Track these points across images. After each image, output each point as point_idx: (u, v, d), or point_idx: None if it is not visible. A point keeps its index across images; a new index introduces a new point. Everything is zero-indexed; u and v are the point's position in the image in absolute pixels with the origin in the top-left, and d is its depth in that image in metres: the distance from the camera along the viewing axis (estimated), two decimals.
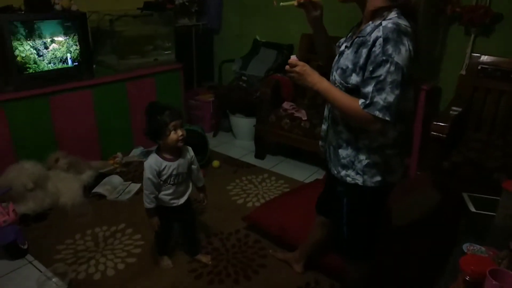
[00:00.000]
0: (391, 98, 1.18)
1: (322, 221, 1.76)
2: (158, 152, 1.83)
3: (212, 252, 2.16)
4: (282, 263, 2.07)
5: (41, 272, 1.97)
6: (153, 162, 1.80)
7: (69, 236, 2.26)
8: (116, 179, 2.85)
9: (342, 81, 1.30)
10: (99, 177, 2.85)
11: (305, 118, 3.03)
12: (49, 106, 2.73)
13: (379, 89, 1.18)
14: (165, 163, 1.80)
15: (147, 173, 1.80)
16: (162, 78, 3.41)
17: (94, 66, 3.09)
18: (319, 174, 3.07)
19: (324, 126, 1.55)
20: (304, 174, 3.09)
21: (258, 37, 3.83)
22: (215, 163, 3.15)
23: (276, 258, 2.09)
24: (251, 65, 3.70)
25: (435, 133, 2.33)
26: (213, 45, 4.19)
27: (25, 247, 2.11)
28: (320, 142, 1.61)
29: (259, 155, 3.38)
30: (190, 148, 1.91)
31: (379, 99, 1.18)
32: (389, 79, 1.17)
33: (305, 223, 2.09)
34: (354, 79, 1.25)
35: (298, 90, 3.44)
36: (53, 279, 1.91)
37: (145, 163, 1.83)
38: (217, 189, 2.79)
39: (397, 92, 1.18)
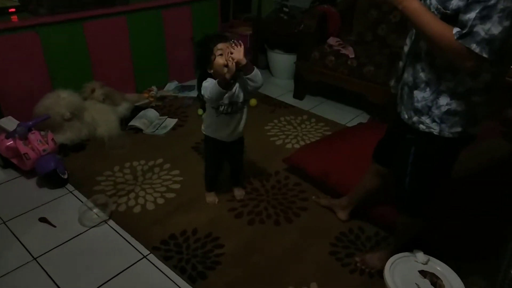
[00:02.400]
0: (496, 30, 0.97)
1: (378, 170, 1.63)
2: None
3: (251, 192, 2.10)
4: (324, 208, 1.99)
5: (82, 202, 1.97)
6: (210, 80, 1.64)
7: (107, 168, 2.24)
8: (152, 113, 2.77)
9: (439, 6, 1.07)
10: (135, 110, 2.78)
11: (352, 56, 2.79)
12: (83, 33, 2.59)
13: (483, 17, 0.97)
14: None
15: (206, 84, 1.63)
16: (198, 6, 3.19)
17: None
18: (363, 118, 2.89)
19: (400, 63, 1.36)
20: (346, 117, 2.92)
21: None
22: (252, 101, 3.01)
23: (319, 204, 2.01)
24: None
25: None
26: None
27: (65, 176, 2.10)
28: (391, 82, 1.43)
29: (298, 95, 3.20)
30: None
31: (481, 29, 0.97)
32: (500, 5, 0.95)
33: (349, 169, 1.99)
34: (456, 3, 1.03)
35: (345, 24, 3.15)
36: (94, 210, 1.91)
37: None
38: (255, 129, 2.68)
39: (506, 23, 0.96)
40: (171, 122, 2.72)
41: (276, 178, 2.22)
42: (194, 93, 3.09)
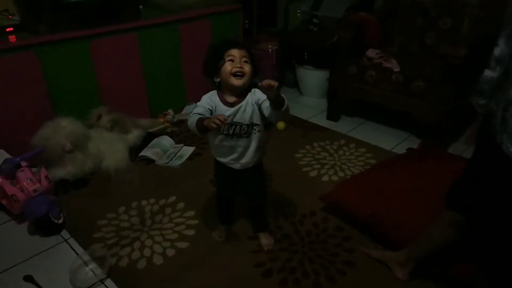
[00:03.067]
0: None
1: (455, 219, 1.20)
2: (219, 92, 1.41)
3: (282, 239, 1.70)
4: (376, 263, 1.56)
5: (77, 254, 1.62)
6: (206, 97, 1.41)
7: (111, 208, 1.90)
8: (166, 140, 2.43)
9: None
10: (147, 138, 2.45)
11: (398, 70, 2.38)
12: (90, 52, 2.31)
13: None
14: (220, 105, 1.37)
15: (200, 103, 1.41)
16: (218, 20, 2.87)
17: (140, 6, 2.61)
18: (411, 142, 2.45)
19: (491, 73, 0.97)
20: (391, 141, 2.49)
21: None
22: (280, 124, 2.63)
23: (370, 257, 1.58)
24: (324, 4, 3.04)
25: None
26: None
27: (60, 221, 1.76)
28: (479, 99, 1.03)
29: (333, 116, 2.80)
30: (256, 90, 1.38)
31: None
32: None
33: (408, 210, 1.57)
34: None
35: (385, 33, 2.75)
36: (90, 265, 1.55)
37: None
38: (284, 157, 2.29)
39: None
40: (187, 150, 2.37)
41: (312, 220, 1.80)
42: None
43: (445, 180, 1.66)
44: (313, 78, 3.06)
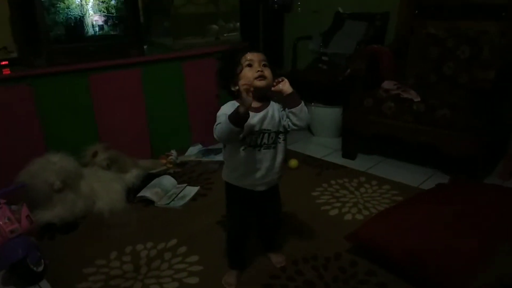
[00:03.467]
0: None
1: None
2: (238, 100, 1.26)
3: (303, 287, 1.40)
4: None
5: None
6: (229, 105, 1.26)
7: (101, 254, 1.63)
8: (167, 180, 2.21)
9: None
10: (147, 178, 2.23)
11: (418, 99, 2.20)
12: (89, 87, 2.17)
13: None
14: None
15: (221, 112, 1.24)
16: None
17: (145, 46, 2.53)
18: (439, 179, 2.19)
19: None
20: (417, 178, 2.24)
21: (340, 10, 3.08)
22: (293, 162, 2.41)
23: None
24: (333, 41, 2.95)
25: None
26: (283, 25, 3.49)
27: (40, 269, 1.49)
28: None
29: (349, 154, 2.58)
30: None
31: None
32: None
33: (452, 247, 1.29)
34: None
35: (400, 67, 2.62)
36: None
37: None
38: (299, 196, 2.05)
39: None
40: (191, 191, 2.14)
41: (338, 264, 1.52)
42: (221, 156, 2.54)
43: (489, 210, 1.42)
44: (325, 116, 2.89)
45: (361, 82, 2.40)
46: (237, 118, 1.14)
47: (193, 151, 2.69)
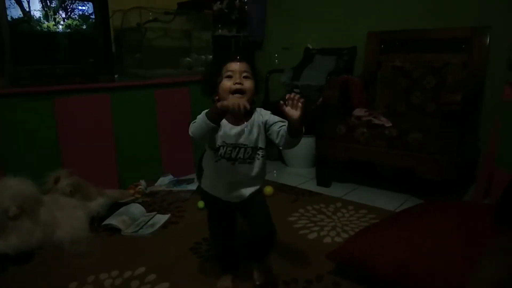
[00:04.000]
0: None
1: None
2: None
3: None
4: None
5: None
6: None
7: (60, 285, 1.46)
8: (136, 208, 2.08)
9: None
10: (114, 207, 2.09)
11: (390, 125, 2.24)
12: (53, 110, 2.07)
13: None
14: (224, 122, 1.19)
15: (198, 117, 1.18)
16: (198, 88, 2.74)
17: (116, 76, 2.48)
18: (415, 202, 2.18)
19: None
20: (392, 203, 2.23)
21: (310, 46, 3.19)
22: (268, 189, 2.34)
23: None
24: (304, 74, 3.02)
25: None
26: (254, 60, 3.56)
27: None
28: None
29: (323, 181, 2.55)
30: (262, 110, 1.28)
31: None
32: None
33: (440, 256, 1.25)
34: None
35: (369, 97, 2.70)
36: None
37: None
38: (277, 221, 1.93)
39: None
40: (161, 218, 2.01)
41: (320, 286, 1.42)
42: (193, 186, 2.44)
43: (470, 221, 1.41)
44: (298, 146, 2.87)
45: (334, 110, 2.43)
46: (214, 113, 1.11)
47: (163, 181, 2.58)
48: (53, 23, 2.09)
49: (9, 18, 1.91)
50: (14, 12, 1.95)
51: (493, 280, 1.01)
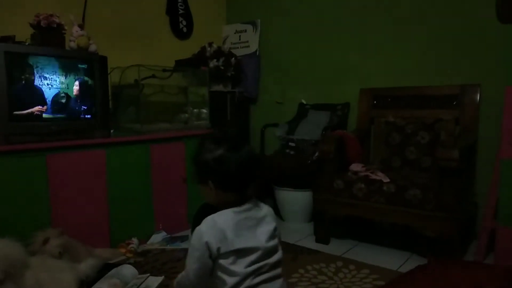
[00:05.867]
0: None
1: None
2: None
3: None
4: None
5: None
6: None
7: None
8: (127, 270, 1.97)
9: None
10: (104, 269, 1.98)
11: (387, 180, 2.23)
12: (46, 167, 2.02)
13: None
14: None
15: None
16: (193, 143, 2.74)
17: (111, 131, 2.47)
18: (416, 261, 2.12)
19: None
20: (394, 261, 2.16)
21: (304, 101, 3.26)
22: None
23: None
24: (299, 129, 3.06)
25: None
26: (249, 115, 3.61)
27: None
28: None
29: (322, 238, 2.49)
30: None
31: None
32: None
33: None
34: None
35: (365, 149, 2.71)
36: None
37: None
38: None
39: None
40: (154, 281, 1.90)
41: None
42: (187, 244, 2.35)
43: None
44: (294, 200, 2.84)
45: (331, 164, 2.42)
46: None
47: (156, 238, 2.49)
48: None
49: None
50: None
51: None
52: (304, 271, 2.02)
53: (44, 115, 2.08)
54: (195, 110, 3.05)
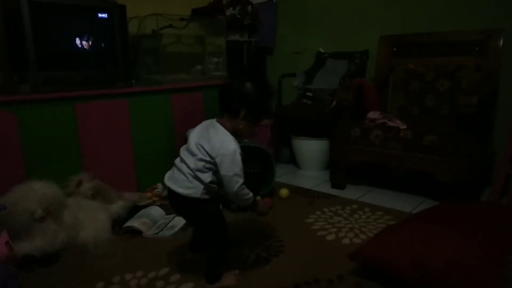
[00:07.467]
0: None
1: None
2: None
3: None
4: None
5: None
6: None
7: (86, 285, 1.50)
8: (156, 211, 2.12)
9: None
10: (134, 210, 2.13)
11: (404, 127, 2.26)
12: (75, 116, 2.12)
13: None
14: None
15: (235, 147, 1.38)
16: (211, 93, 2.79)
17: (132, 81, 2.52)
18: (429, 204, 2.20)
19: None
20: (407, 205, 2.25)
21: (321, 50, 3.22)
22: (284, 191, 2.37)
23: None
24: (317, 78, 3.06)
25: None
26: (266, 65, 3.60)
27: None
28: None
29: (338, 184, 2.58)
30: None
31: None
32: None
33: (461, 256, 1.26)
34: None
35: (383, 97, 2.72)
36: None
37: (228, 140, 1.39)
38: (294, 223, 1.99)
39: None
40: (180, 221, 2.03)
41: (342, 286, 1.45)
42: None
43: (491, 223, 1.42)
44: (311, 149, 2.91)
45: (348, 113, 2.45)
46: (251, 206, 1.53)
47: None
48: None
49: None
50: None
51: None
52: (320, 213, 2.13)
53: (68, 65, 2.14)
54: (214, 59, 3.06)
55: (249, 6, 3.24)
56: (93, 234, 1.83)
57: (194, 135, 1.44)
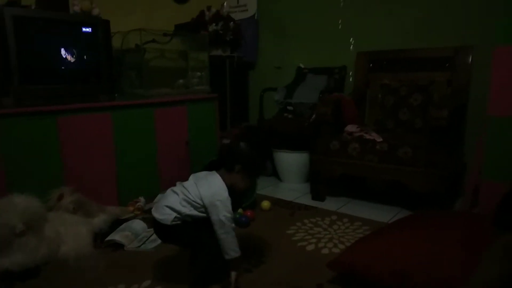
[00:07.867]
0: None
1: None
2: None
3: None
4: None
5: None
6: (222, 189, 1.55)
7: None
8: (138, 224, 2.12)
9: None
10: (116, 223, 2.13)
11: (380, 140, 2.35)
12: (57, 129, 2.12)
13: None
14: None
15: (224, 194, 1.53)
16: (195, 107, 2.84)
17: (115, 95, 2.55)
18: (406, 214, 2.28)
19: None
20: (384, 215, 2.32)
21: (301, 65, 3.32)
22: (265, 203, 2.42)
23: None
24: (297, 92, 3.15)
25: None
26: (248, 81, 3.68)
27: None
28: None
29: (318, 195, 2.64)
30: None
31: None
32: None
33: (438, 260, 1.33)
34: None
35: (360, 113, 2.82)
36: None
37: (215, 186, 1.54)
38: (275, 235, 2.04)
39: None
40: None
41: None
42: None
43: (464, 228, 1.50)
44: (292, 161, 2.97)
45: (328, 126, 2.53)
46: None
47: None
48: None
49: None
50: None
51: (492, 279, 1.09)
52: (301, 224, 2.18)
53: (52, 79, 2.16)
54: (197, 73, 3.11)
55: (231, 22, 3.33)
56: (75, 248, 1.82)
57: (193, 176, 1.62)
